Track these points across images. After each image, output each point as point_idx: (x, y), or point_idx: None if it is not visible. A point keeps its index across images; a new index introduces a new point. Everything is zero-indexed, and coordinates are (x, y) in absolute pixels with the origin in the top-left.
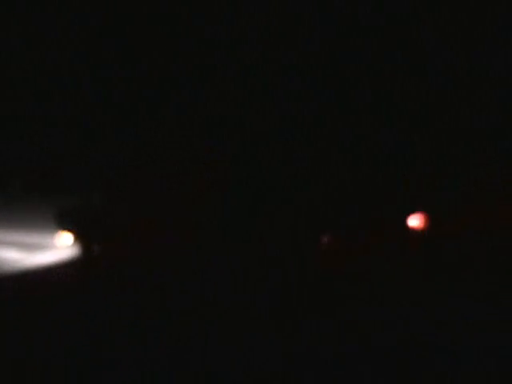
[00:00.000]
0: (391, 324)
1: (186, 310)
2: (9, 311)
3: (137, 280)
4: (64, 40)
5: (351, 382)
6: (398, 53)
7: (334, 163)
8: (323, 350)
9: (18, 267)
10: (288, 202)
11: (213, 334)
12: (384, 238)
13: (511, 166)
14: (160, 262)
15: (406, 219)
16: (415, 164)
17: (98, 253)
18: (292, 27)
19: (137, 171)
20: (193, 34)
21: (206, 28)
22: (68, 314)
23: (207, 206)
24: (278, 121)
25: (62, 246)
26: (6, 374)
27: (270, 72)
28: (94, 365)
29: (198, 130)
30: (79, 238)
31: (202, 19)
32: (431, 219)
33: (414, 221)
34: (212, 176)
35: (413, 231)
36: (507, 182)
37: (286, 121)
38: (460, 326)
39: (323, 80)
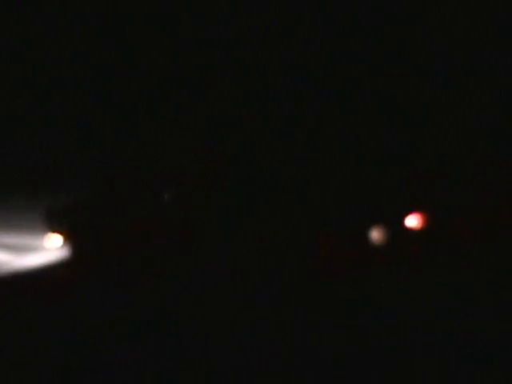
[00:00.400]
0: (390, 324)
1: (181, 313)
2: None
3: (127, 282)
4: (64, 40)
5: (351, 382)
6: (399, 53)
7: (333, 163)
8: (323, 349)
9: (6, 269)
10: (286, 203)
11: (212, 334)
12: (381, 238)
13: (511, 166)
14: (152, 264)
15: (404, 219)
16: (414, 163)
17: (88, 254)
18: (292, 27)
19: (127, 170)
20: (193, 34)
21: (206, 28)
22: (57, 317)
23: (205, 207)
24: (278, 121)
25: (51, 248)
26: None
27: (270, 72)
28: (83, 368)
29: (198, 130)
30: (69, 239)
31: (202, 19)
32: (430, 219)
33: (412, 221)
34: (211, 176)
35: (411, 231)
36: (507, 182)
37: (286, 121)
38: (459, 328)
39: (323, 80)
